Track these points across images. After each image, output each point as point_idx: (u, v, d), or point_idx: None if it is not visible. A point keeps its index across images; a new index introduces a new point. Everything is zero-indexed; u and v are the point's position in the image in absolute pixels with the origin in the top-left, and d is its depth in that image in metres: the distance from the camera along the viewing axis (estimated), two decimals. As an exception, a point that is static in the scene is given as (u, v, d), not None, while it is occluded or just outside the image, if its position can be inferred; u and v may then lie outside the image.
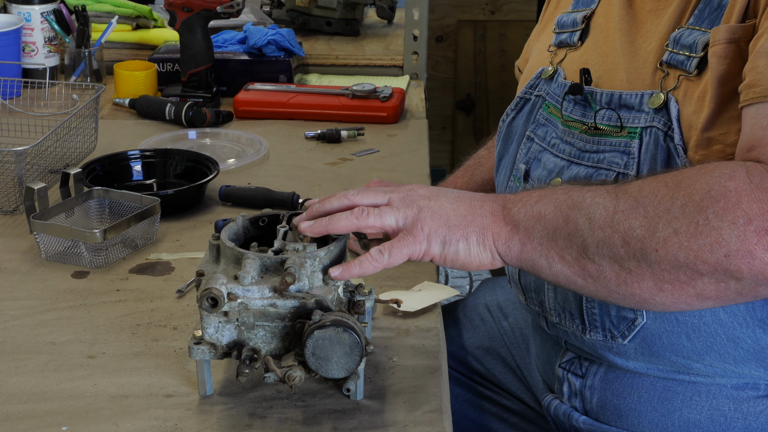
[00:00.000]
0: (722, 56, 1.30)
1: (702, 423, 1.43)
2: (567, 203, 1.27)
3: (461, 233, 1.29)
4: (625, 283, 1.24)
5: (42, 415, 1.30)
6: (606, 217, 1.23)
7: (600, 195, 1.25)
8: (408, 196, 1.32)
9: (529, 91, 1.62)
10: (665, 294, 1.23)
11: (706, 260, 1.17)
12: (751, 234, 1.14)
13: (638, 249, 1.21)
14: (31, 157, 1.84)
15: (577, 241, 1.25)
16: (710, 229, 1.16)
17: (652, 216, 1.20)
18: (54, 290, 1.60)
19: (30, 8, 2.37)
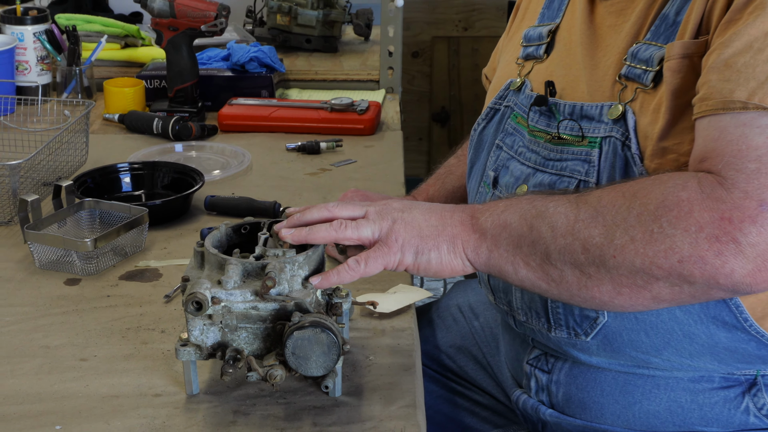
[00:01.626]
0: (676, 70, 1.31)
1: (661, 414, 1.44)
2: (531, 212, 1.28)
3: (433, 243, 1.31)
4: (586, 287, 1.25)
5: (37, 415, 1.30)
6: (567, 225, 1.24)
7: (562, 204, 1.26)
8: (383, 209, 1.33)
9: (499, 101, 1.62)
10: (623, 297, 1.24)
11: (661, 266, 1.18)
12: (702, 241, 1.16)
13: (597, 255, 1.22)
14: (24, 171, 1.84)
15: (541, 247, 1.26)
16: (664, 236, 1.18)
17: (610, 224, 1.21)
18: (48, 297, 1.60)
19: (23, 29, 2.37)
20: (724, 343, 1.36)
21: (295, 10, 2.71)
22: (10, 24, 2.38)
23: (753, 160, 1.17)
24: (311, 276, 1.31)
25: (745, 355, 1.37)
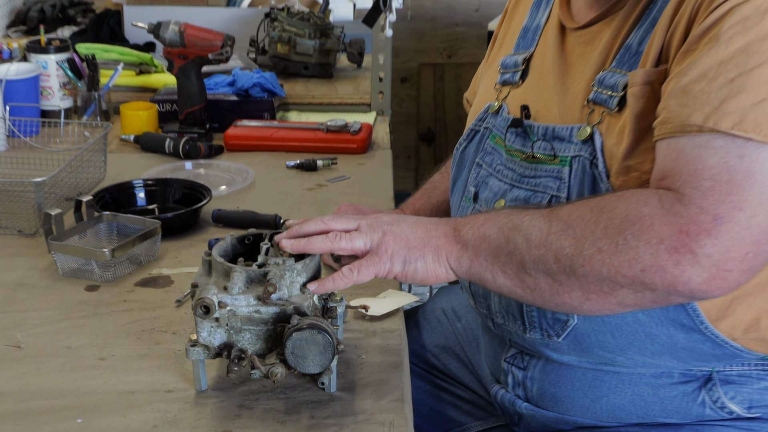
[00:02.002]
0: (639, 96, 1.31)
1: (626, 406, 1.44)
2: (508, 225, 1.29)
3: (419, 253, 1.32)
4: (558, 294, 1.26)
5: (60, 409, 1.30)
6: (541, 237, 1.25)
7: (536, 218, 1.27)
8: (374, 222, 1.35)
9: (479, 123, 1.62)
10: (591, 302, 1.25)
11: (625, 274, 1.19)
12: (662, 252, 1.17)
13: (568, 265, 1.23)
14: (48, 187, 1.84)
15: (517, 258, 1.27)
16: (628, 247, 1.19)
17: (580, 237, 1.22)
18: (70, 302, 1.60)
19: (46, 57, 2.37)
20: (682, 343, 1.37)
21: (294, 40, 2.72)
22: (35, 53, 2.39)
23: (708, 178, 1.17)
24: (309, 282, 1.32)
25: (702, 354, 1.38)
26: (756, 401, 1.41)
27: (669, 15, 1.32)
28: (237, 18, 2.90)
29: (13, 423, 1.28)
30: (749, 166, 1.17)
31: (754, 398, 1.41)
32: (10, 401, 1.32)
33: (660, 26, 1.33)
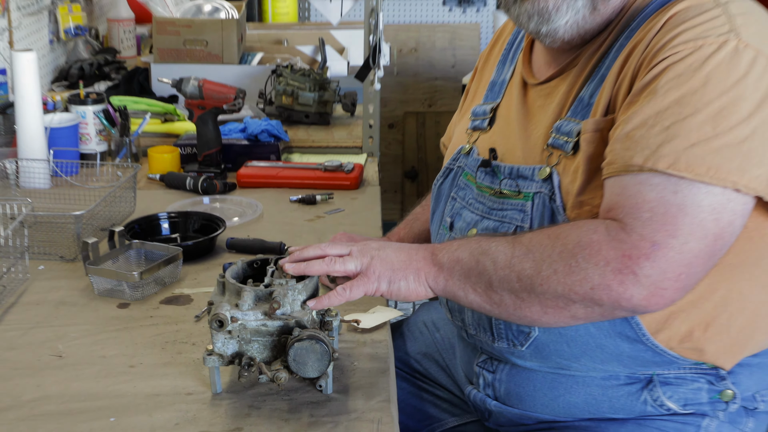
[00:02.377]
0: (590, 141, 1.32)
1: (579, 404, 1.45)
2: (478, 250, 1.30)
3: (402, 274, 1.33)
4: (520, 308, 1.27)
5: (95, 409, 1.31)
6: (506, 260, 1.27)
7: (501, 244, 1.29)
8: (363, 248, 1.36)
9: (453, 162, 1.61)
10: (549, 316, 1.26)
11: (577, 292, 1.21)
12: (609, 273, 1.18)
13: (528, 284, 1.24)
14: (86, 219, 1.84)
15: (485, 278, 1.29)
16: (580, 269, 1.20)
17: (539, 260, 1.23)
18: (104, 318, 1.60)
19: (85, 108, 2.38)
20: (627, 352, 1.37)
21: (297, 93, 2.73)
22: (75, 104, 2.39)
23: (647, 210, 1.19)
24: (308, 300, 1.33)
25: (644, 361, 1.38)
26: (690, 399, 1.41)
27: (615, 73, 1.33)
28: (248, 74, 2.91)
29: (56, 421, 1.28)
30: (682, 200, 1.18)
31: (689, 397, 1.41)
32: (52, 403, 1.33)
33: (608, 82, 1.33)
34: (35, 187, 2.18)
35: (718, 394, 1.41)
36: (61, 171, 2.21)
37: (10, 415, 1.30)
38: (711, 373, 1.41)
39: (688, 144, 1.18)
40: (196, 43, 3.04)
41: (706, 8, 1.26)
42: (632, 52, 1.31)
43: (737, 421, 1.44)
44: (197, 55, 3.04)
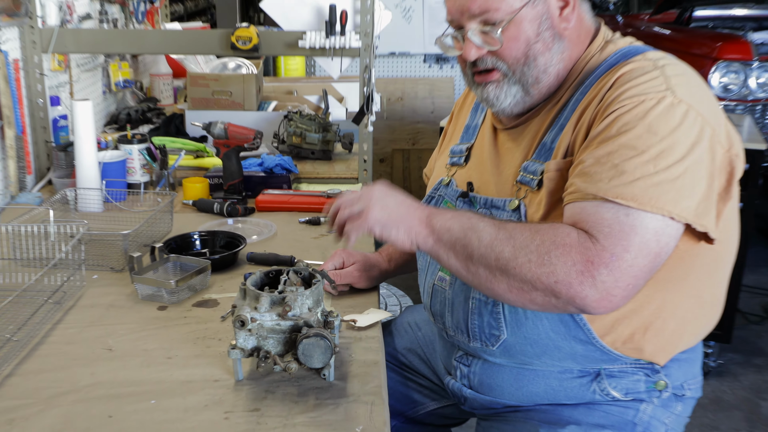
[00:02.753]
0: (552, 179, 1.32)
1: (539, 393, 1.45)
2: (468, 224, 1.28)
3: (396, 225, 1.32)
4: (490, 282, 1.26)
5: (139, 394, 1.30)
6: (489, 240, 1.25)
7: (489, 225, 1.27)
8: (367, 194, 1.36)
9: (434, 191, 1.61)
10: (511, 295, 1.25)
11: (543, 282, 1.20)
12: (573, 272, 1.17)
13: (503, 265, 1.23)
14: (132, 237, 1.84)
15: (468, 250, 1.27)
16: (550, 263, 1.19)
17: (518, 247, 1.22)
18: (146, 318, 1.60)
19: (131, 147, 2.38)
20: (580, 352, 1.38)
21: (304, 134, 2.74)
22: (124, 143, 2.40)
23: (606, 226, 1.19)
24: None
25: (593, 358, 1.39)
26: (630, 389, 1.42)
27: (573, 123, 1.33)
28: (264, 119, 2.92)
29: (106, 404, 1.28)
30: (633, 221, 1.19)
31: (629, 387, 1.42)
32: (104, 388, 1.32)
33: (567, 130, 1.34)
34: (91, 210, 2.18)
35: (653, 384, 1.42)
36: (112, 198, 2.21)
37: (69, 398, 1.29)
38: (648, 368, 1.41)
39: (633, 179, 1.19)
40: (222, 93, 3.05)
41: (647, 70, 1.28)
42: (588, 106, 1.32)
43: (669, 405, 1.45)
44: (223, 103, 3.05)
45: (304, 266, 1.44)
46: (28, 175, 2.40)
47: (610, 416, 1.43)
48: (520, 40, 1.35)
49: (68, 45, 2.48)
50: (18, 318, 1.49)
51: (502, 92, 1.40)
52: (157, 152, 2.42)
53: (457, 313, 1.46)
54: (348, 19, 2.44)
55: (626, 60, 1.34)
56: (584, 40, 1.41)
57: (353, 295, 1.71)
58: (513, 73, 1.38)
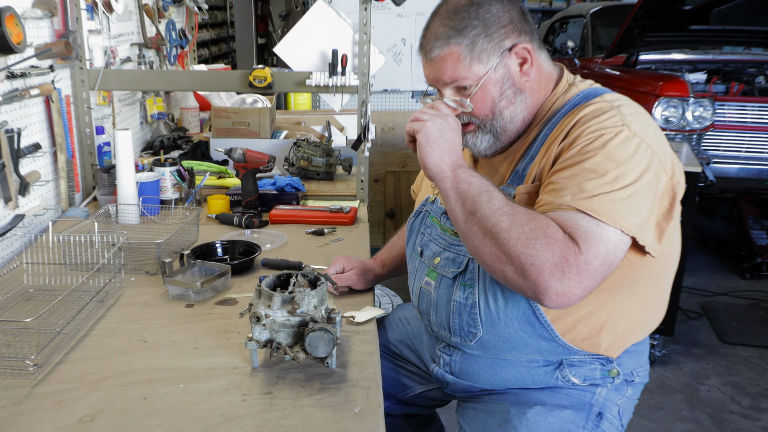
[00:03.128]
0: (521, 201, 1.32)
1: (510, 379, 1.44)
2: (485, 188, 1.25)
3: (434, 148, 1.30)
4: (478, 241, 1.23)
5: (169, 379, 1.30)
6: (496, 207, 1.22)
7: (501, 198, 1.24)
8: (432, 123, 1.33)
9: (422, 207, 1.60)
10: (490, 259, 1.22)
11: (520, 259, 1.16)
12: (549, 261, 1.14)
13: (496, 233, 1.20)
14: (164, 246, 1.84)
15: (475, 207, 1.24)
16: (533, 247, 1.15)
17: (515, 224, 1.18)
18: (175, 314, 1.59)
19: (164, 169, 2.38)
20: (545, 348, 1.38)
21: (311, 158, 2.74)
22: (157, 166, 2.40)
23: (582, 233, 1.17)
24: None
25: (556, 352, 1.39)
26: (588, 376, 1.42)
27: (542, 154, 1.34)
28: (277, 145, 2.92)
29: (141, 387, 1.27)
30: (602, 232, 1.18)
31: (587, 374, 1.42)
32: (140, 375, 1.32)
33: (536, 161, 1.34)
34: (129, 223, 2.17)
35: (607, 372, 1.42)
36: (147, 212, 2.21)
37: (110, 383, 1.29)
38: (603, 359, 1.42)
39: (593, 194, 1.19)
40: (241, 124, 3.05)
41: (605, 110, 1.29)
42: (554, 140, 1.32)
43: (621, 389, 1.46)
44: (242, 132, 3.05)
45: (311, 270, 1.44)
46: (77, 193, 2.40)
47: (571, 398, 1.43)
48: (486, 101, 1.36)
49: (111, 83, 2.48)
50: (67, 314, 1.49)
51: (477, 140, 1.41)
52: (185, 174, 2.42)
53: (440, 312, 1.45)
54: (348, 61, 2.45)
55: (587, 101, 1.34)
56: (546, 86, 1.42)
57: (352, 296, 1.71)
58: (484, 125, 1.39)
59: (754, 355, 3.44)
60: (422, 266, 1.51)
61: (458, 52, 1.33)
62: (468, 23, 1.33)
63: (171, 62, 3.60)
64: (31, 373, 1.31)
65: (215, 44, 8.05)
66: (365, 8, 2.35)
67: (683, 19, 4.22)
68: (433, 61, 1.37)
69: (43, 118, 2.19)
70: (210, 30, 7.72)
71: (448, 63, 1.34)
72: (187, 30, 3.90)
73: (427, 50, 1.37)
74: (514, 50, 1.35)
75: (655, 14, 4.15)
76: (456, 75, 1.35)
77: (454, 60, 1.34)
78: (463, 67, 1.34)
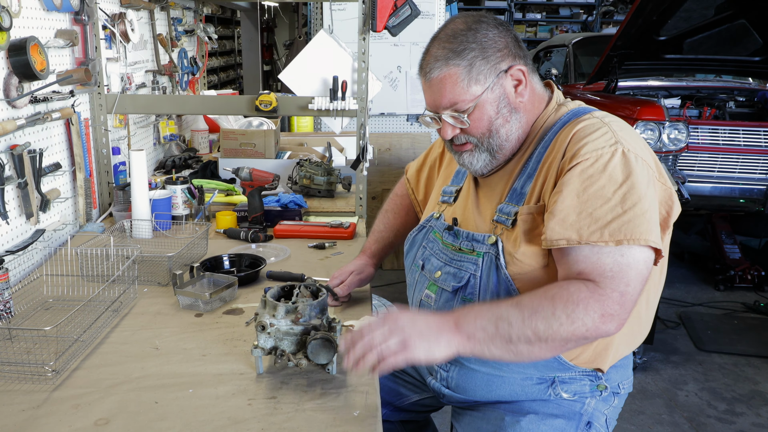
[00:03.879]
0: (525, 221, 1.31)
1: (505, 395, 1.42)
2: (495, 317, 1.19)
3: (436, 344, 1.20)
4: (531, 353, 1.22)
5: (180, 384, 1.30)
6: (519, 323, 1.18)
7: (511, 309, 1.19)
8: (397, 325, 1.20)
9: (426, 222, 1.57)
10: (552, 353, 1.26)
11: (576, 335, 1.18)
12: (597, 319, 1.16)
13: (541, 336, 1.18)
14: (175, 259, 1.84)
15: (506, 338, 1.19)
16: (578, 319, 1.16)
17: (547, 317, 1.17)
18: (186, 323, 1.59)
19: (175, 187, 2.39)
20: (542, 362, 1.37)
21: (313, 177, 2.75)
22: (169, 184, 2.40)
23: (608, 271, 1.18)
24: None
25: (551, 368, 1.38)
26: (577, 391, 1.41)
27: (541, 173, 1.33)
28: (281, 165, 2.93)
29: (153, 392, 1.27)
30: (628, 259, 1.19)
31: (577, 390, 1.41)
32: (151, 380, 1.32)
33: (536, 179, 1.33)
34: (142, 237, 2.17)
35: (596, 386, 1.42)
36: (160, 227, 2.21)
37: (124, 387, 1.29)
38: (592, 375, 1.41)
39: (606, 222, 1.20)
40: (248, 145, 3.06)
41: (597, 127, 1.29)
42: (553, 159, 1.31)
43: (608, 400, 1.45)
44: (248, 152, 3.06)
45: (312, 282, 1.44)
46: (94, 209, 2.40)
47: (562, 408, 1.42)
48: (483, 120, 1.35)
49: (127, 107, 2.49)
50: (84, 323, 1.49)
51: (474, 158, 1.40)
52: (195, 191, 2.42)
53: None
54: (348, 87, 2.46)
55: (577, 117, 1.35)
56: (539, 105, 1.42)
57: (351, 306, 1.71)
58: (482, 144, 1.38)
59: (728, 362, 3.43)
60: (423, 279, 1.49)
61: (456, 73, 1.32)
62: (466, 46, 1.32)
63: (183, 87, 3.61)
64: (49, 378, 1.31)
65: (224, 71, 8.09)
66: (363, 38, 2.37)
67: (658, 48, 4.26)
68: (431, 82, 1.36)
69: (64, 140, 2.19)
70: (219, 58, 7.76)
71: (447, 85, 1.33)
72: (198, 58, 3.92)
73: (426, 71, 1.36)
74: (510, 72, 1.35)
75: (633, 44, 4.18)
76: (455, 98, 1.34)
77: (453, 81, 1.33)
78: (461, 88, 1.32)
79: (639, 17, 3.87)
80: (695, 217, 4.98)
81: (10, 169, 1.84)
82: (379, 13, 2.25)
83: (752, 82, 4.90)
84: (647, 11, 3.81)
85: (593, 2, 9.89)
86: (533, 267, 1.29)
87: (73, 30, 2.17)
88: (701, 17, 3.92)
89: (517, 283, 1.30)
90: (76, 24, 2.22)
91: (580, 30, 9.88)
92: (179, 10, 3.54)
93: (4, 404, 1.23)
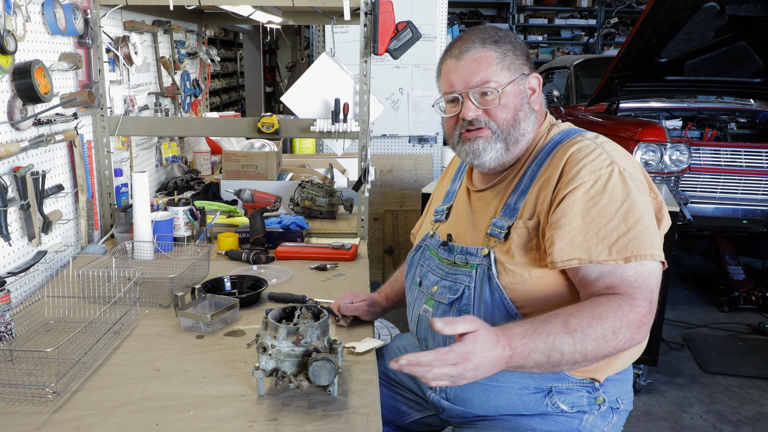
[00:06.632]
0: (519, 234, 1.35)
1: (502, 406, 1.44)
2: (548, 348, 1.18)
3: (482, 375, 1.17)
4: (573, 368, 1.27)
5: (181, 406, 1.30)
6: (571, 349, 1.19)
7: (564, 337, 1.18)
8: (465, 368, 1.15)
9: (422, 242, 1.61)
10: (592, 364, 1.29)
11: (617, 348, 1.22)
12: (634, 330, 1.21)
13: (591, 357, 1.21)
14: (177, 280, 1.84)
15: (553, 364, 1.20)
16: (621, 333, 1.20)
17: (597, 339, 1.19)
18: (187, 345, 1.59)
19: (177, 208, 2.39)
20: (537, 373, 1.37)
21: (314, 198, 2.76)
22: (171, 206, 2.41)
23: (635, 282, 1.24)
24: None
25: (548, 378, 1.39)
26: (575, 403, 1.42)
27: (536, 191, 1.37)
28: (283, 186, 2.94)
29: (154, 414, 1.27)
30: (647, 270, 1.25)
31: (575, 402, 1.42)
32: (152, 402, 1.32)
33: (529, 196, 1.37)
34: (144, 259, 2.18)
35: (594, 399, 1.42)
36: (161, 249, 2.22)
37: (124, 409, 1.29)
38: (590, 386, 1.41)
39: (613, 241, 1.25)
40: (250, 167, 3.08)
41: (591, 149, 1.34)
42: (549, 178, 1.35)
43: (606, 416, 1.45)
44: (250, 174, 3.08)
45: (314, 303, 1.44)
46: (96, 231, 2.41)
47: (560, 424, 1.42)
48: (509, 107, 1.41)
49: (130, 129, 2.52)
50: (85, 344, 1.49)
51: (488, 146, 1.43)
52: (197, 213, 2.43)
53: (437, 338, 1.46)
54: (349, 109, 2.48)
55: (568, 138, 1.40)
56: (540, 119, 1.48)
57: (353, 327, 1.71)
58: (501, 131, 1.42)
59: (733, 384, 3.41)
60: (421, 295, 1.52)
61: (492, 56, 1.40)
62: (502, 39, 1.42)
63: (185, 110, 3.64)
64: (50, 400, 1.31)
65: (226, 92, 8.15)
66: (365, 61, 2.40)
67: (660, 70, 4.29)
68: (465, 60, 1.41)
69: (66, 162, 2.21)
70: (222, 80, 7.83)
71: (482, 63, 1.40)
72: (200, 80, 3.96)
73: (459, 51, 1.42)
74: (530, 77, 1.43)
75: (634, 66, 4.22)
76: (488, 76, 1.39)
77: (488, 62, 1.40)
78: (495, 69, 1.39)
79: (640, 39, 3.91)
80: (698, 239, 4.98)
81: (13, 191, 1.85)
82: (380, 36, 2.28)
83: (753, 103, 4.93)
84: (648, 34, 3.85)
85: (594, 24, 9.99)
86: (525, 278, 1.33)
87: (77, 53, 2.21)
88: (702, 39, 3.96)
89: (508, 293, 1.34)
90: (80, 47, 2.26)
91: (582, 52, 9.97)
92: (182, 32, 3.59)
93: (5, 426, 1.23)
